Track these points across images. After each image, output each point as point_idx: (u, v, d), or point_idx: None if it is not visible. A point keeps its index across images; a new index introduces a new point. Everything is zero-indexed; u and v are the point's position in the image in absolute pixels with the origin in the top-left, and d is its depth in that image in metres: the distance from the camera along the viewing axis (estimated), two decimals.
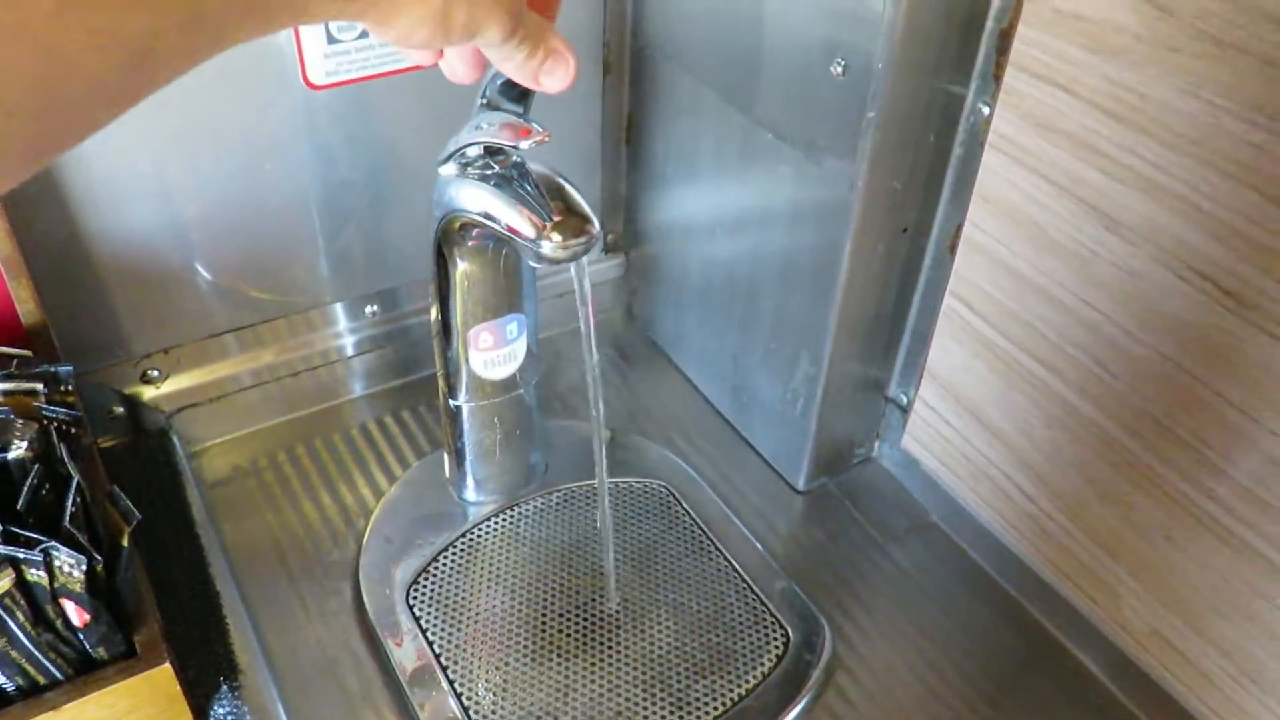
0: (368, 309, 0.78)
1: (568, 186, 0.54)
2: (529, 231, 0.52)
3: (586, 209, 0.53)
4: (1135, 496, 0.56)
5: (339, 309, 0.78)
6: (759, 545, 0.70)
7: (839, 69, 0.58)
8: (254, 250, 0.72)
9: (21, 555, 0.46)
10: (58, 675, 0.50)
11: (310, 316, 0.77)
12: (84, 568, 0.47)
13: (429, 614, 0.64)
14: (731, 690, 0.61)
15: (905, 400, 0.72)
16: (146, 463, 0.70)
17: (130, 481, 0.69)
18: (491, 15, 0.36)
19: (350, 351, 0.79)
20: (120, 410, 0.71)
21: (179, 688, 0.53)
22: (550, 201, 0.52)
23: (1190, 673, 0.57)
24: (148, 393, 0.72)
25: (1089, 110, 0.51)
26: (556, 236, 0.51)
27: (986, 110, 0.58)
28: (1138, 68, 0.48)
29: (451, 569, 0.67)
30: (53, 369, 0.56)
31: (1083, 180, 0.52)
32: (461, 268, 0.60)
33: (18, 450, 0.50)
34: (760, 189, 0.69)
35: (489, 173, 0.55)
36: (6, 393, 0.54)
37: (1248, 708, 0.54)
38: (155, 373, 0.72)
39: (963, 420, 0.66)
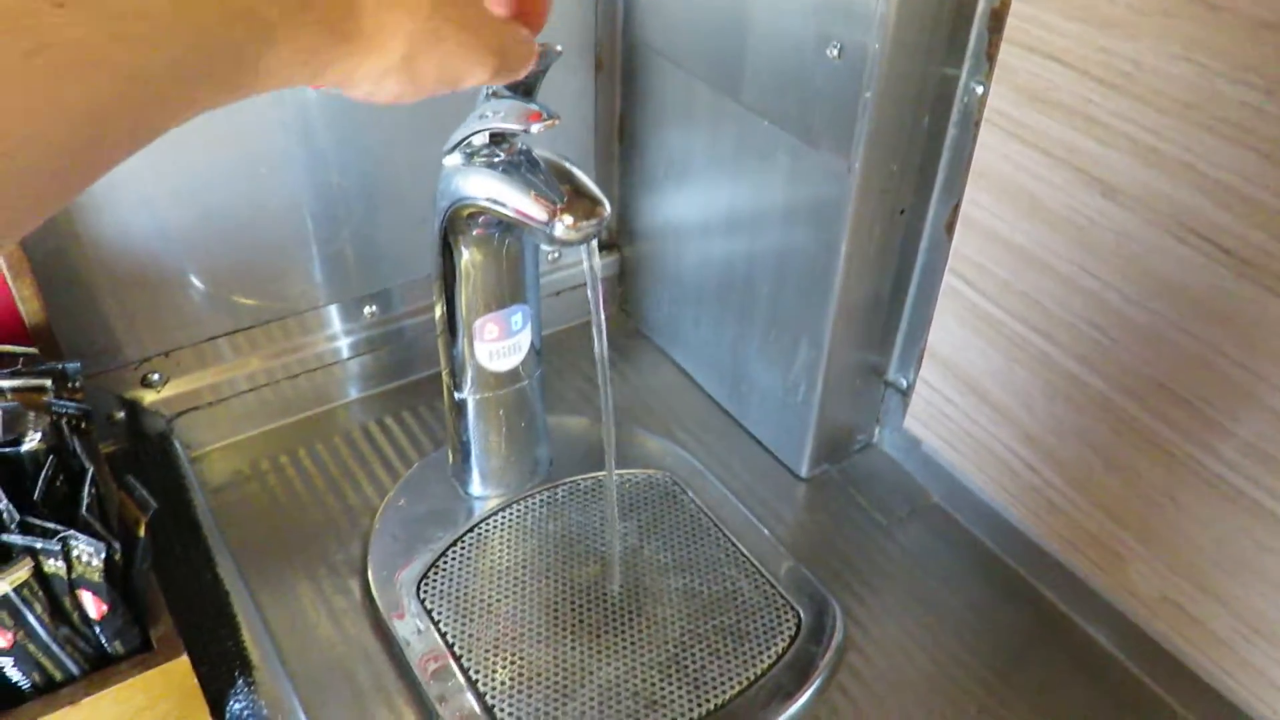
0: (365, 310, 0.78)
1: (575, 170, 0.54)
2: (540, 215, 0.52)
3: (596, 191, 0.53)
4: (1139, 461, 0.57)
5: (334, 311, 0.78)
6: (765, 531, 0.71)
7: (834, 52, 0.59)
8: (250, 253, 0.72)
9: (39, 545, 0.46)
10: (74, 670, 0.50)
11: (306, 319, 0.77)
12: (103, 556, 0.47)
13: (440, 607, 0.64)
14: (746, 670, 0.61)
15: (905, 384, 0.73)
16: (149, 467, 0.70)
17: None
18: (469, 63, 0.35)
19: (347, 354, 0.79)
20: (121, 415, 0.71)
21: (196, 682, 0.53)
22: (559, 185, 0.53)
23: (1201, 635, 0.58)
24: (148, 397, 0.72)
25: (1084, 80, 0.52)
26: (568, 218, 0.52)
27: (980, 90, 0.59)
28: (1131, 36, 0.49)
29: (461, 563, 0.67)
30: (60, 365, 0.56)
31: (1079, 150, 0.54)
32: (467, 257, 0.60)
33: (31, 442, 0.49)
34: (756, 178, 0.70)
35: (495, 160, 0.55)
36: (16, 389, 0.53)
37: (1259, 665, 0.55)
38: (155, 376, 0.71)
39: (965, 398, 0.67)
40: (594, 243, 0.54)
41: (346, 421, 0.79)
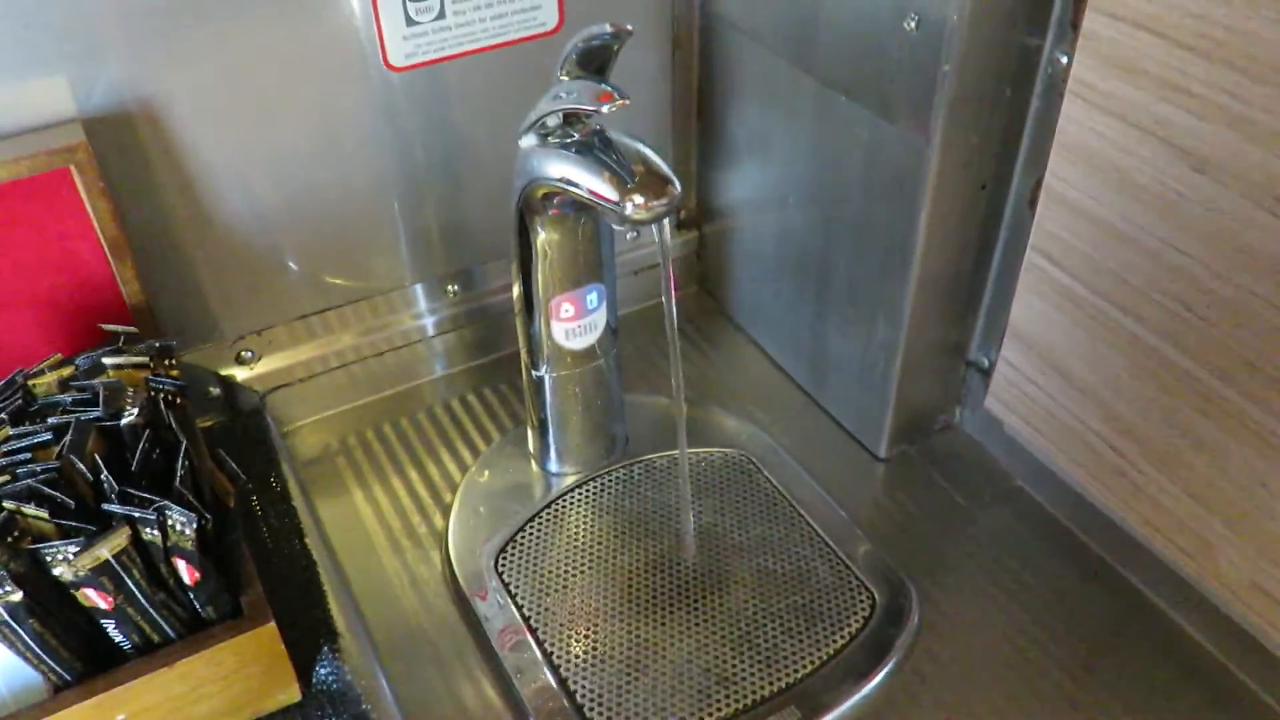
0: (449, 289, 0.80)
1: (647, 150, 0.55)
2: (611, 194, 0.53)
3: (667, 170, 0.53)
4: (1230, 444, 0.55)
5: (419, 290, 0.80)
6: (842, 512, 0.70)
7: (912, 24, 0.58)
8: (338, 232, 0.74)
9: (137, 514, 0.48)
10: (170, 633, 0.52)
11: (393, 298, 0.79)
12: (195, 526, 0.49)
13: (518, 580, 0.66)
14: (819, 650, 0.61)
15: (986, 363, 0.72)
16: (243, 441, 0.73)
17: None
18: None
19: (431, 331, 0.81)
20: (217, 391, 0.74)
21: (283, 647, 0.55)
22: (631, 165, 0.53)
23: None
24: (242, 373, 0.75)
25: (1172, 49, 0.50)
26: (638, 198, 0.52)
27: (1065, 59, 0.57)
28: (1223, 0, 0.47)
29: (538, 537, 0.69)
30: (158, 344, 0.58)
31: (1167, 121, 0.52)
32: (543, 237, 0.61)
33: (129, 416, 0.52)
34: (833, 154, 0.69)
35: (569, 140, 0.56)
36: (116, 366, 0.56)
37: None
38: (249, 354, 0.74)
39: (1047, 378, 0.66)
40: (666, 222, 0.54)
41: (431, 398, 0.82)
